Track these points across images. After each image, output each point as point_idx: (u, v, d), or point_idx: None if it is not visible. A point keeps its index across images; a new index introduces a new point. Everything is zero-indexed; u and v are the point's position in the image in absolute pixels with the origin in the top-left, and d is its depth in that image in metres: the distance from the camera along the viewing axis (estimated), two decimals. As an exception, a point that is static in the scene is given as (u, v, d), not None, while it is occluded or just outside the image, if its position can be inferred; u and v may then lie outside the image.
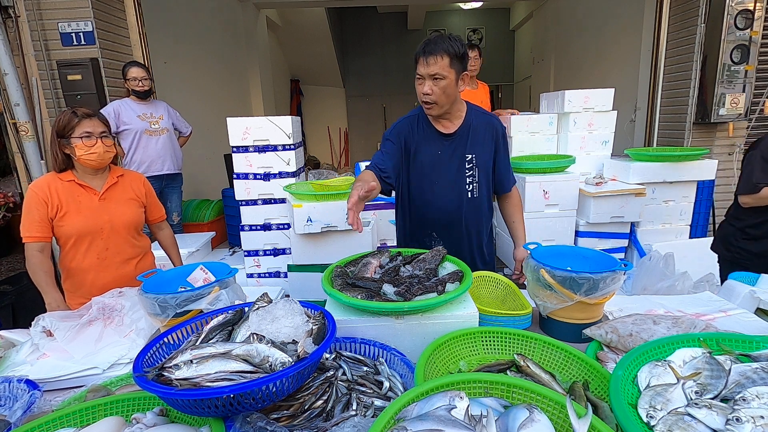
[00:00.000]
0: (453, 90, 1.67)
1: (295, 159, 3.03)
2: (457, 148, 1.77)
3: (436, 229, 1.82)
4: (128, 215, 1.93)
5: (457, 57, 1.62)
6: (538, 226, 3.28)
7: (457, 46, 1.61)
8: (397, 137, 1.78)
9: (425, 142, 1.78)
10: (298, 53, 9.54)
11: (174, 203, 3.82)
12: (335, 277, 1.41)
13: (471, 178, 1.79)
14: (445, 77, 1.63)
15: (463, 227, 1.84)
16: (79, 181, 1.83)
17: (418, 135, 1.79)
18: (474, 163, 1.78)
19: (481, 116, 1.82)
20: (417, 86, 1.71)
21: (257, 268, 3.22)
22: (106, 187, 1.88)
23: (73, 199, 1.81)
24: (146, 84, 3.46)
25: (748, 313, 1.47)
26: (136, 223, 1.97)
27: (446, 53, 1.60)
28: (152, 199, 2.09)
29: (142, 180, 2.06)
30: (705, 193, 3.44)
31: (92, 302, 1.56)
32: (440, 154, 1.78)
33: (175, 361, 0.90)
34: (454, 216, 1.82)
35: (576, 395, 0.97)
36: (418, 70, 1.67)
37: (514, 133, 3.64)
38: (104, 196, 1.87)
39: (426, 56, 1.61)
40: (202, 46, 5.83)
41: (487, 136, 1.80)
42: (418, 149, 1.79)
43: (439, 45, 1.60)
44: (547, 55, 7.94)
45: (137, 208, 1.98)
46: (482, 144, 1.79)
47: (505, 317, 1.38)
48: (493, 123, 1.82)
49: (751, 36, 3.61)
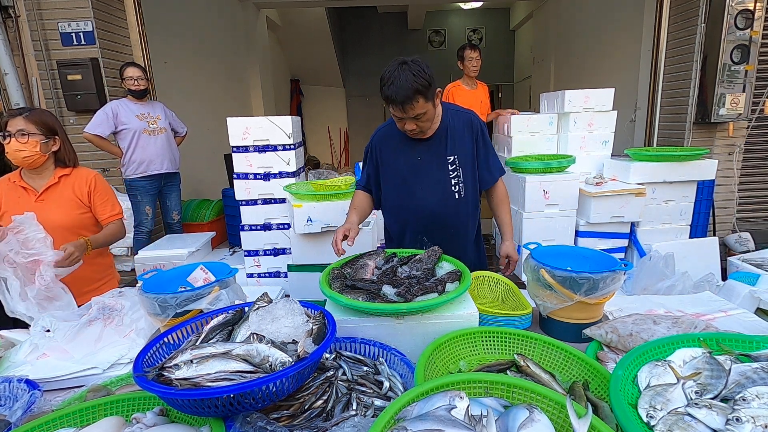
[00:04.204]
0: (434, 113, 1.64)
1: (295, 159, 3.03)
2: (438, 151, 1.75)
3: (426, 233, 1.79)
4: (62, 217, 1.84)
5: (428, 87, 1.53)
6: (538, 226, 3.28)
7: (422, 78, 1.50)
8: (372, 152, 1.84)
9: (404, 150, 1.76)
10: (298, 53, 9.54)
11: (173, 202, 3.83)
12: (333, 280, 1.41)
13: (456, 178, 1.76)
14: (426, 112, 1.58)
15: (453, 228, 1.82)
16: (21, 182, 1.82)
17: (396, 144, 1.77)
18: (457, 163, 1.75)
19: (458, 114, 1.78)
20: (397, 122, 1.65)
21: (257, 268, 3.22)
22: (45, 187, 1.84)
23: (13, 200, 1.80)
24: (142, 83, 3.46)
25: (748, 313, 1.47)
26: (72, 224, 1.87)
27: (418, 93, 1.50)
28: (100, 198, 1.94)
29: (90, 178, 1.93)
30: (705, 193, 3.44)
31: (92, 302, 1.56)
32: (420, 160, 1.75)
33: (175, 361, 0.90)
34: (442, 218, 1.79)
35: (576, 395, 0.97)
36: (395, 113, 1.60)
37: (514, 133, 3.64)
38: (42, 197, 1.83)
39: (401, 105, 1.52)
40: (202, 46, 5.83)
41: (465, 133, 1.76)
42: (398, 158, 1.77)
43: (408, 87, 1.49)
44: (547, 55, 7.93)
45: (74, 209, 1.88)
46: (462, 143, 1.76)
47: (505, 317, 1.38)
48: (471, 119, 1.78)
49: (751, 36, 3.61)
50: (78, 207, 1.90)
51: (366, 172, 1.89)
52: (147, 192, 3.58)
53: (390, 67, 1.53)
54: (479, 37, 10.80)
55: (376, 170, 1.85)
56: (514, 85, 11.00)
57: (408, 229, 1.84)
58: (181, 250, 3.11)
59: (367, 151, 1.87)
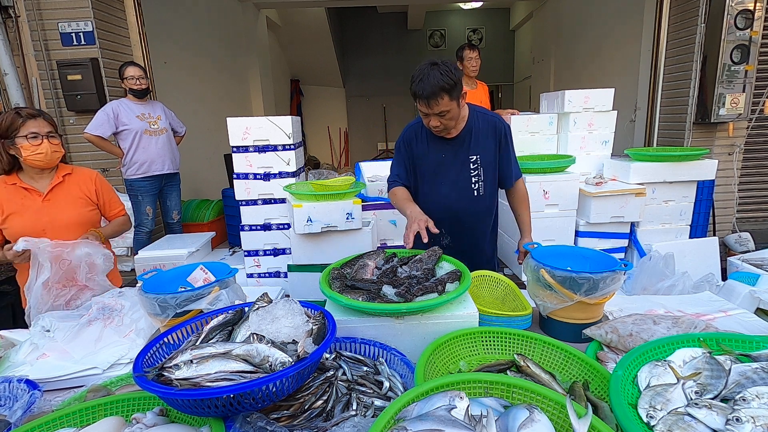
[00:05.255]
0: (458, 113, 1.72)
1: (295, 159, 3.03)
2: (461, 150, 1.84)
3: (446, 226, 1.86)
4: (74, 215, 1.87)
5: (454, 87, 1.62)
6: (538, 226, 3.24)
7: (449, 77, 1.59)
8: (406, 146, 1.91)
9: (430, 147, 1.87)
10: (298, 53, 9.55)
11: (173, 201, 3.83)
12: (333, 280, 1.41)
13: (476, 177, 1.87)
14: (450, 110, 1.66)
15: (469, 224, 1.92)
16: (23, 183, 1.81)
17: (424, 141, 1.88)
18: (479, 163, 1.86)
19: (483, 117, 1.88)
20: (423, 118, 1.75)
21: (257, 268, 3.22)
22: (51, 187, 1.84)
23: (16, 202, 1.79)
24: (143, 83, 3.45)
25: (748, 313, 1.47)
26: (83, 222, 1.90)
27: (444, 91, 1.59)
28: (107, 196, 2.00)
29: (93, 177, 1.98)
30: (705, 193, 3.44)
31: (92, 302, 1.56)
32: (444, 157, 1.86)
33: (175, 361, 0.90)
34: (460, 214, 1.89)
35: (576, 395, 0.97)
36: (421, 109, 1.69)
37: (515, 133, 3.62)
38: (48, 197, 1.83)
39: (426, 100, 1.61)
40: (202, 46, 5.83)
41: (489, 135, 1.86)
42: (425, 154, 1.88)
43: (435, 84, 1.58)
44: (547, 55, 7.93)
45: (83, 206, 1.91)
46: (485, 144, 1.85)
47: (505, 318, 1.38)
48: (495, 122, 1.88)
49: (751, 36, 3.61)
50: (86, 204, 1.93)
51: (401, 167, 1.93)
52: (147, 192, 3.58)
53: (421, 66, 1.64)
54: (479, 37, 10.80)
55: (413, 163, 1.91)
56: (514, 85, 11.00)
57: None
58: (181, 250, 3.11)
59: (399, 147, 1.94)
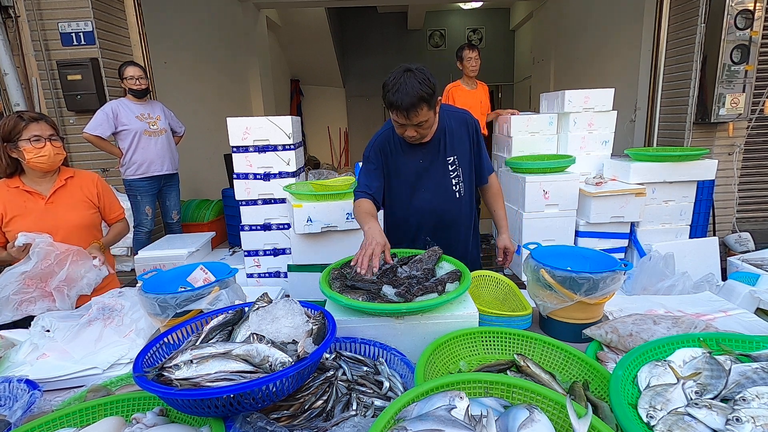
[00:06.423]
0: (434, 120, 1.66)
1: (295, 159, 3.03)
2: (438, 154, 1.77)
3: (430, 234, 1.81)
4: (77, 218, 1.88)
5: (433, 95, 1.54)
6: (538, 226, 3.28)
7: (427, 86, 1.51)
8: (377, 155, 1.79)
9: (407, 154, 1.78)
10: (298, 53, 9.54)
11: (173, 202, 3.83)
12: (333, 280, 1.41)
13: (456, 179, 1.80)
14: (428, 120, 1.59)
15: (455, 227, 1.86)
16: (26, 186, 1.81)
17: (398, 149, 1.78)
18: (457, 163, 1.79)
19: (454, 114, 1.81)
20: (397, 128, 1.65)
21: (257, 268, 3.22)
22: (53, 190, 1.85)
23: (19, 205, 1.79)
24: (143, 82, 3.45)
25: (748, 313, 1.47)
26: (85, 225, 1.91)
27: (423, 101, 1.51)
28: (108, 199, 2.02)
29: (95, 180, 1.99)
30: (705, 193, 3.44)
31: (92, 302, 1.56)
32: (422, 163, 1.78)
33: (175, 361, 0.90)
34: (444, 218, 1.83)
35: (576, 395, 0.97)
36: (397, 119, 1.59)
37: (514, 133, 3.64)
38: (51, 200, 1.84)
39: (405, 111, 1.52)
40: (202, 46, 5.83)
41: (463, 133, 1.79)
42: (402, 163, 1.79)
43: (413, 94, 1.49)
44: (547, 55, 7.93)
45: (86, 209, 1.92)
46: (460, 143, 1.79)
47: (505, 318, 1.38)
48: (466, 118, 1.81)
49: (751, 36, 3.61)
50: (89, 207, 1.95)
51: (371, 178, 1.80)
52: (147, 192, 3.58)
53: (394, 74, 1.53)
54: (479, 37, 10.79)
55: (389, 173, 1.81)
56: (514, 85, 10.99)
57: (414, 230, 1.86)
58: (181, 250, 3.11)
59: (369, 158, 1.81)
